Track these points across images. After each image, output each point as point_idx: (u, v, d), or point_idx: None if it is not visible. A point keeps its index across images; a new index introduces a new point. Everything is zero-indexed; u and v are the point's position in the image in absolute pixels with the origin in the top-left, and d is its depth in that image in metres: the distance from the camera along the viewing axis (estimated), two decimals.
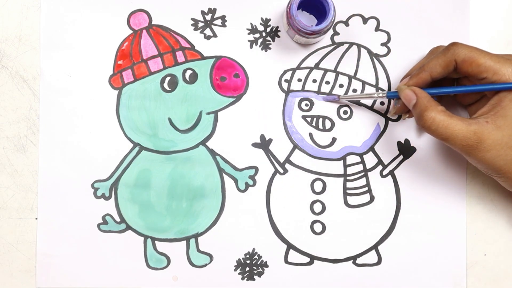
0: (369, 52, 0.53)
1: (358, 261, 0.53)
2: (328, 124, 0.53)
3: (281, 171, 0.53)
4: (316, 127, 0.53)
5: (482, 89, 0.45)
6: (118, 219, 0.53)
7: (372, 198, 0.53)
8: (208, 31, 0.53)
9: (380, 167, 0.53)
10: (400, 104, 0.50)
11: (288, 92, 0.53)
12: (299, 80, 0.53)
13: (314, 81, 0.53)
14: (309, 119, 0.53)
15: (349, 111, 0.53)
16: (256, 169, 0.53)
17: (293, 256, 0.53)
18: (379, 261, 0.53)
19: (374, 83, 0.53)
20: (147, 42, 0.53)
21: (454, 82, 0.50)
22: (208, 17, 0.53)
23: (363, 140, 0.53)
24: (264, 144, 0.53)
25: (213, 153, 0.53)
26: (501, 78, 0.44)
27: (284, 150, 0.53)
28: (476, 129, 0.43)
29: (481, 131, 0.43)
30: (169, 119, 0.53)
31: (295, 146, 0.53)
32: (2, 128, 0.53)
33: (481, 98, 0.48)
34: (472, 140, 0.43)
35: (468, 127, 0.43)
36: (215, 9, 0.53)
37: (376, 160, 0.53)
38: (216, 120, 0.53)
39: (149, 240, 0.53)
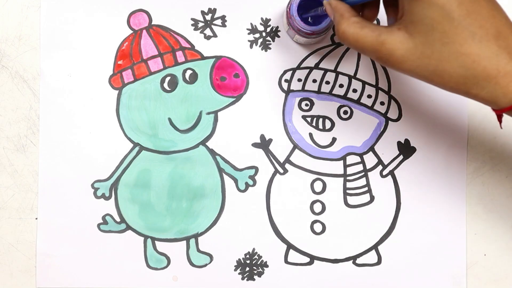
0: None
1: (358, 261, 0.53)
2: (328, 124, 0.53)
3: (281, 171, 0.53)
4: (316, 127, 0.53)
5: None
6: (118, 219, 0.53)
7: (372, 198, 0.53)
8: (208, 31, 0.53)
9: (380, 167, 0.53)
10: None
11: (288, 92, 0.53)
12: (299, 80, 0.53)
13: (314, 81, 0.53)
14: (309, 119, 0.53)
15: (349, 111, 0.53)
16: (256, 169, 0.53)
17: (293, 256, 0.53)
18: (379, 261, 0.53)
19: (374, 83, 0.53)
20: (147, 42, 0.53)
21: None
22: (208, 17, 0.53)
23: (363, 140, 0.53)
24: (264, 144, 0.53)
25: (213, 153, 0.53)
26: None
27: (284, 150, 0.53)
28: (385, 39, 0.38)
29: (391, 41, 0.38)
30: (169, 119, 0.53)
31: (295, 146, 0.53)
32: (2, 128, 0.53)
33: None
34: (382, 52, 0.38)
35: (378, 38, 0.38)
36: (215, 9, 0.53)
37: (376, 160, 0.53)
38: (216, 120, 0.53)
39: (149, 240, 0.53)
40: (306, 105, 0.53)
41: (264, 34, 0.53)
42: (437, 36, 0.37)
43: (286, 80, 0.53)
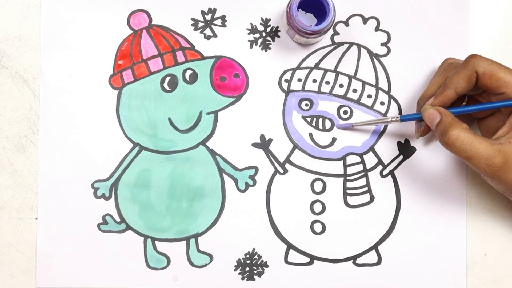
0: (369, 52, 0.53)
1: (358, 261, 0.53)
2: (328, 124, 0.53)
3: (281, 171, 0.53)
4: (316, 127, 0.53)
5: (504, 105, 0.44)
6: (118, 219, 0.53)
7: (372, 198, 0.53)
8: (208, 31, 0.53)
9: (380, 167, 0.53)
10: (424, 127, 0.49)
11: (288, 92, 0.53)
12: (299, 80, 0.53)
13: (314, 81, 0.53)
14: (309, 119, 0.53)
15: (349, 111, 0.53)
16: (256, 169, 0.53)
17: (293, 256, 0.53)
18: (379, 261, 0.53)
19: (374, 83, 0.53)
20: (147, 42, 0.53)
21: (465, 98, 0.49)
22: (208, 17, 0.53)
23: (363, 140, 0.53)
24: (264, 144, 0.53)
25: (213, 153, 0.53)
26: None
27: (284, 150, 0.53)
28: (500, 148, 0.43)
29: (506, 150, 0.42)
30: (169, 119, 0.53)
31: (295, 146, 0.53)
32: (2, 128, 0.53)
33: (494, 113, 0.48)
34: (497, 159, 0.42)
35: (493, 146, 0.43)
36: (215, 9, 0.53)
37: (376, 160, 0.53)
38: (216, 120, 0.53)
39: (149, 240, 0.53)
40: (306, 105, 0.53)
41: (264, 34, 0.53)
42: None
43: (286, 80, 0.53)
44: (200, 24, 0.53)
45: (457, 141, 0.43)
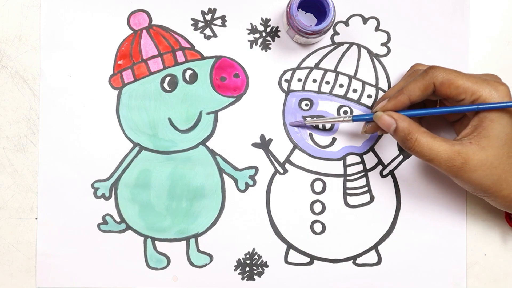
0: (369, 52, 0.53)
1: (358, 261, 0.53)
2: (328, 124, 0.53)
3: (281, 171, 0.53)
4: (316, 127, 0.53)
5: (460, 110, 0.45)
6: (118, 219, 0.53)
7: (372, 198, 0.53)
8: (208, 31, 0.53)
9: (380, 167, 0.53)
10: (371, 125, 0.49)
11: (288, 92, 0.53)
12: (299, 80, 0.53)
13: (314, 81, 0.53)
14: (309, 119, 0.53)
15: (349, 111, 0.53)
16: (256, 169, 0.53)
17: (293, 256, 0.53)
18: (379, 261, 0.53)
19: (374, 83, 0.53)
20: (147, 42, 0.53)
21: (437, 102, 0.50)
22: (208, 17, 0.53)
23: (363, 140, 0.53)
24: (264, 144, 0.53)
25: (213, 153, 0.53)
26: (479, 98, 0.44)
27: (284, 150, 0.53)
28: (460, 150, 0.43)
29: (465, 151, 0.43)
30: (169, 119, 0.53)
31: (295, 146, 0.53)
32: (2, 128, 0.53)
33: (464, 116, 0.48)
34: (457, 160, 0.43)
35: (452, 147, 0.43)
36: (215, 9, 0.53)
37: (376, 160, 0.53)
38: (216, 120, 0.53)
39: (149, 240, 0.53)
40: (306, 105, 0.53)
41: (264, 34, 0.53)
42: (505, 150, 0.43)
43: (286, 80, 0.53)
44: (200, 24, 0.53)
45: (417, 147, 0.44)
